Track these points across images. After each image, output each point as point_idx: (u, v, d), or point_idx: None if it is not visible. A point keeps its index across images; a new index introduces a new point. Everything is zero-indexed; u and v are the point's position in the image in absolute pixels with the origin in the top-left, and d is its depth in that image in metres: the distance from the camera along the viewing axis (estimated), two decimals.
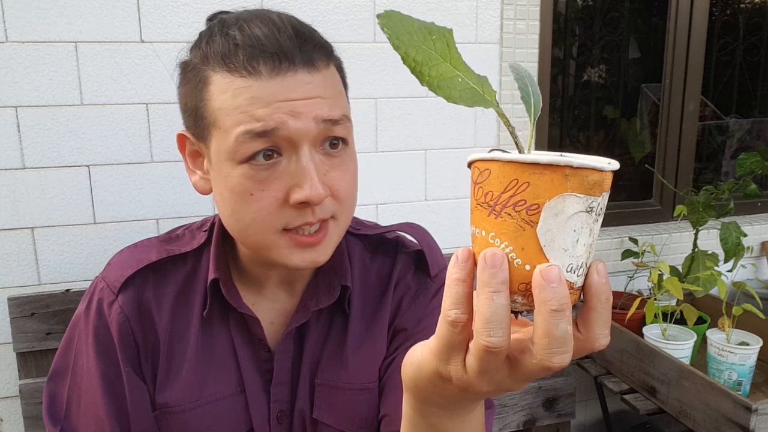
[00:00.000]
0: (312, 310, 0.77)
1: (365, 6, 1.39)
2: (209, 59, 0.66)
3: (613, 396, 1.53)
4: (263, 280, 0.78)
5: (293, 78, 0.64)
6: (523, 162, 0.37)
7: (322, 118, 0.65)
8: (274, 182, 0.65)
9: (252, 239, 0.69)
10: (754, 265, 1.95)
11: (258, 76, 0.63)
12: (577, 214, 0.37)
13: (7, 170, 1.20)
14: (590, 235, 0.38)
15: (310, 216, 0.66)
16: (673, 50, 1.86)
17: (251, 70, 0.63)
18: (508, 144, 1.58)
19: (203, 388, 0.75)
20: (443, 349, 0.41)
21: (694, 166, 1.97)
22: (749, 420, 1.13)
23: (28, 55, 1.17)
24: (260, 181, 0.65)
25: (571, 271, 0.38)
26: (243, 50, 0.64)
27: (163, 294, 0.76)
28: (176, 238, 0.80)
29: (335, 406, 0.77)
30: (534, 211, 0.37)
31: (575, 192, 0.36)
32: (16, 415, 1.25)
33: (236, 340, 0.76)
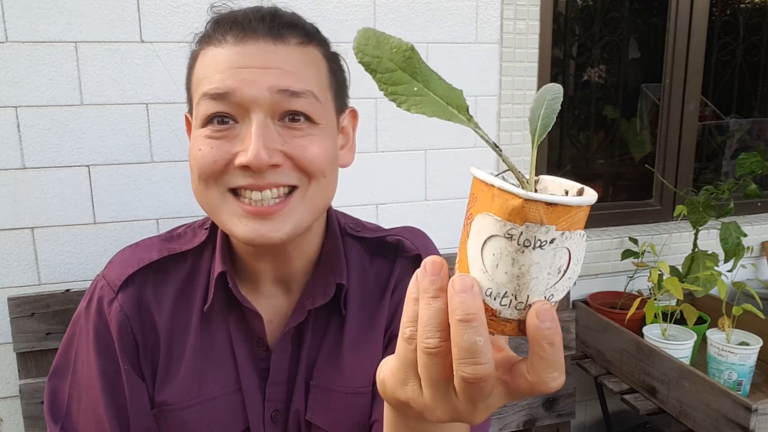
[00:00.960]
0: (308, 309, 0.76)
1: (365, 6, 1.39)
2: (201, 41, 0.72)
3: (613, 396, 1.53)
4: (259, 276, 0.78)
5: (254, 46, 0.67)
6: (477, 178, 0.38)
7: (277, 88, 0.66)
8: (225, 144, 0.67)
9: (203, 199, 0.70)
10: (754, 265, 1.95)
11: (225, 45, 0.68)
12: (495, 238, 0.36)
13: (7, 170, 1.20)
14: (514, 265, 0.36)
15: (257, 178, 0.66)
16: (673, 50, 1.86)
17: (221, 40, 0.68)
18: (507, 145, 1.58)
19: (202, 385, 0.75)
20: (401, 368, 0.41)
21: (694, 166, 1.97)
22: (749, 420, 1.13)
23: (28, 55, 1.17)
24: (212, 140, 0.67)
25: (491, 297, 0.37)
26: (219, 25, 0.70)
27: (163, 293, 0.76)
28: (178, 236, 0.81)
29: (328, 408, 0.77)
30: (469, 224, 0.37)
31: (496, 213, 0.36)
32: (16, 415, 1.25)
33: (234, 338, 0.76)
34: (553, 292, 0.38)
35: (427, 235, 0.87)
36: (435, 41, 1.46)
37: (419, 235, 0.86)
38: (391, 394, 0.44)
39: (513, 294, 0.37)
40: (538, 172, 1.50)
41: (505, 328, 0.38)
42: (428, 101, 0.40)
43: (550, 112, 0.41)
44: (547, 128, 0.41)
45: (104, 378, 0.72)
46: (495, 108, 1.55)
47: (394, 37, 0.39)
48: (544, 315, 0.37)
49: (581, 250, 0.38)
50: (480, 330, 0.36)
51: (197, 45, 0.73)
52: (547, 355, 0.37)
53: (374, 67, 0.39)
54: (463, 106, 0.40)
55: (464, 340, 0.36)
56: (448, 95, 0.40)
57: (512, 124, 1.57)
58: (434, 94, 0.40)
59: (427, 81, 0.40)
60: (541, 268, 0.36)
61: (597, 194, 0.38)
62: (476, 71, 1.51)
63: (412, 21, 1.43)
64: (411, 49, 0.40)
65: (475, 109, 1.53)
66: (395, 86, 0.39)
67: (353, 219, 0.87)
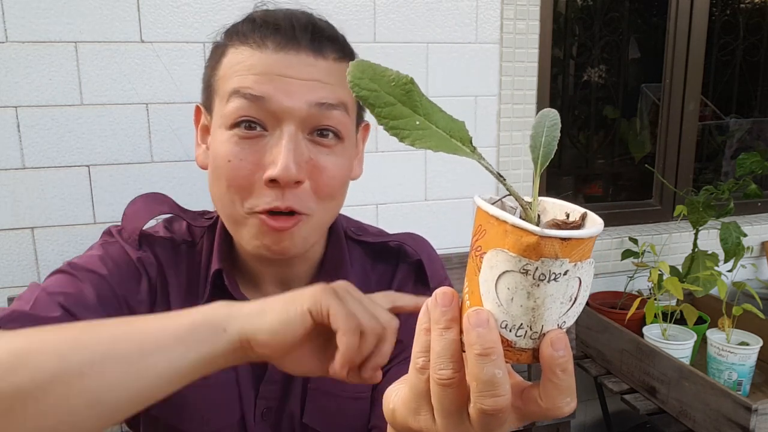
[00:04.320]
0: None
1: (365, 6, 1.39)
2: (231, 37, 0.69)
3: (613, 396, 1.53)
4: (260, 278, 0.78)
5: (296, 57, 0.66)
6: (485, 210, 0.38)
7: (315, 102, 0.66)
8: (253, 154, 0.65)
9: (227, 211, 0.69)
10: (754, 265, 1.95)
11: (264, 50, 0.66)
12: (509, 273, 0.36)
13: (7, 170, 1.20)
14: (529, 299, 0.37)
15: (279, 201, 0.65)
16: (673, 50, 1.86)
17: (260, 43, 0.66)
18: (507, 145, 1.58)
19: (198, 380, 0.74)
20: (413, 397, 0.42)
21: (694, 166, 1.97)
22: (749, 420, 1.13)
23: (28, 55, 1.17)
24: (241, 150, 0.65)
25: (506, 329, 0.37)
26: (258, 27, 0.67)
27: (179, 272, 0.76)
28: (185, 210, 0.80)
29: (327, 412, 0.76)
30: (482, 258, 0.37)
31: (510, 249, 0.36)
32: None
33: None
34: (565, 319, 0.39)
35: (428, 242, 0.86)
36: (435, 41, 1.46)
37: (421, 241, 0.86)
38: (402, 422, 0.44)
39: (528, 325, 0.38)
40: None
41: (521, 357, 0.39)
42: (432, 135, 0.39)
43: (551, 139, 0.42)
44: (550, 156, 0.42)
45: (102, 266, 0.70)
46: (495, 108, 1.55)
47: (390, 69, 0.39)
48: (559, 343, 0.38)
49: (590, 276, 0.39)
50: (498, 362, 0.36)
51: (226, 39, 0.70)
52: (560, 382, 0.38)
53: (372, 101, 0.39)
54: (466, 138, 0.40)
55: (484, 374, 0.36)
56: (451, 127, 0.40)
57: (512, 124, 1.57)
58: (437, 127, 0.39)
59: (429, 114, 0.39)
60: (554, 299, 0.37)
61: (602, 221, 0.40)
62: (476, 71, 1.51)
63: (412, 21, 1.43)
64: (411, 81, 0.39)
65: (475, 109, 1.53)
66: (396, 120, 0.39)
67: (355, 222, 0.87)
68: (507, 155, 1.58)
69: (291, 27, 0.66)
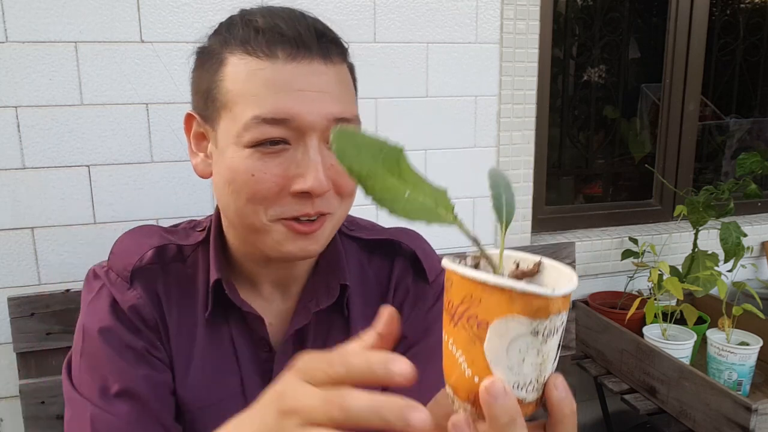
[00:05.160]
0: (312, 311, 0.76)
1: (365, 6, 1.39)
2: (228, 43, 0.66)
3: (613, 396, 1.53)
4: (257, 279, 0.78)
5: (309, 66, 0.65)
6: (473, 278, 0.37)
7: (333, 117, 0.66)
8: (278, 167, 0.65)
9: (247, 221, 0.68)
10: (754, 265, 1.95)
11: (274, 60, 0.64)
12: (521, 337, 0.37)
13: (7, 170, 1.20)
14: (538, 355, 0.38)
15: (309, 207, 0.66)
16: (673, 50, 1.86)
17: (269, 53, 0.64)
18: (507, 145, 1.58)
19: (210, 388, 0.74)
20: None
21: (694, 166, 1.97)
22: (749, 420, 1.13)
23: (28, 55, 1.17)
24: (264, 164, 0.65)
25: (518, 388, 0.38)
26: (263, 34, 0.64)
27: (170, 292, 0.75)
28: (173, 231, 0.79)
29: None
30: (483, 328, 0.37)
31: (520, 314, 0.36)
32: (16, 415, 1.25)
33: (237, 341, 0.76)
34: (556, 362, 0.41)
35: (421, 236, 0.87)
36: (435, 41, 1.46)
37: (414, 236, 0.86)
38: None
39: (536, 379, 0.39)
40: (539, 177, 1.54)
41: (528, 409, 0.40)
42: (419, 207, 0.39)
43: (510, 198, 0.43)
44: (513, 214, 0.43)
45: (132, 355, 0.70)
46: (495, 108, 1.55)
47: (376, 137, 0.38)
48: (562, 386, 0.40)
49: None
50: (521, 423, 0.38)
51: (221, 46, 0.67)
52: (568, 422, 0.40)
53: (359, 172, 0.38)
54: (449, 207, 0.39)
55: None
56: (436, 197, 0.39)
57: (512, 124, 1.57)
58: (424, 195, 0.39)
59: (415, 184, 0.39)
60: (554, 349, 0.39)
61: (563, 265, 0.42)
62: (476, 71, 1.51)
63: (412, 21, 1.43)
64: (401, 151, 0.39)
65: (475, 109, 1.53)
66: (385, 192, 0.38)
67: (348, 217, 0.87)
68: (507, 155, 1.58)
69: (298, 33, 0.64)
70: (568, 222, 1.83)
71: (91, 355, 0.70)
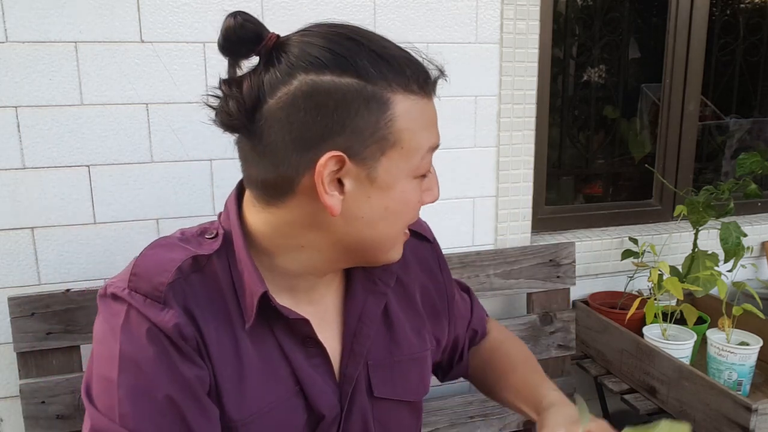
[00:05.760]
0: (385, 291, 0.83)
1: (365, 6, 1.39)
2: (390, 84, 0.67)
3: (613, 396, 1.53)
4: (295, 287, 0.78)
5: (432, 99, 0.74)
6: None
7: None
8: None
9: (393, 238, 0.76)
10: (754, 265, 1.95)
11: (428, 98, 0.72)
12: None
13: (7, 170, 1.20)
14: None
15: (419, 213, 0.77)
16: (673, 50, 1.86)
17: (426, 92, 0.72)
18: (507, 145, 1.58)
19: (262, 397, 0.74)
20: None
21: (694, 166, 1.97)
22: (749, 420, 1.13)
23: (28, 55, 1.17)
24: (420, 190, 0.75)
25: None
26: (417, 73, 0.70)
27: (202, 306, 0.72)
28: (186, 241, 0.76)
29: (391, 380, 0.84)
30: None
31: None
32: (16, 415, 1.25)
33: (284, 345, 0.75)
34: None
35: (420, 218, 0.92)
36: (435, 41, 1.46)
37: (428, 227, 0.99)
38: None
39: None
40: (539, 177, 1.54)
41: None
42: None
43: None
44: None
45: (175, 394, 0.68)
46: (495, 108, 1.55)
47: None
48: None
49: None
50: None
51: (383, 87, 0.67)
52: None
53: None
54: None
55: None
56: None
57: (512, 124, 1.57)
58: None
59: None
60: None
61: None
62: (476, 71, 1.51)
63: (412, 21, 1.43)
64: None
65: (475, 109, 1.53)
66: None
67: None
68: (507, 155, 1.58)
69: (427, 71, 0.72)
70: (568, 222, 1.83)
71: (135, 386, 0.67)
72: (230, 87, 0.68)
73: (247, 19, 0.67)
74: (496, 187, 1.59)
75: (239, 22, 0.67)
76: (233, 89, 0.68)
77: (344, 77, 0.65)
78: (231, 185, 1.43)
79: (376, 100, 0.66)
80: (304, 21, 0.75)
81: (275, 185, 0.70)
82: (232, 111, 0.67)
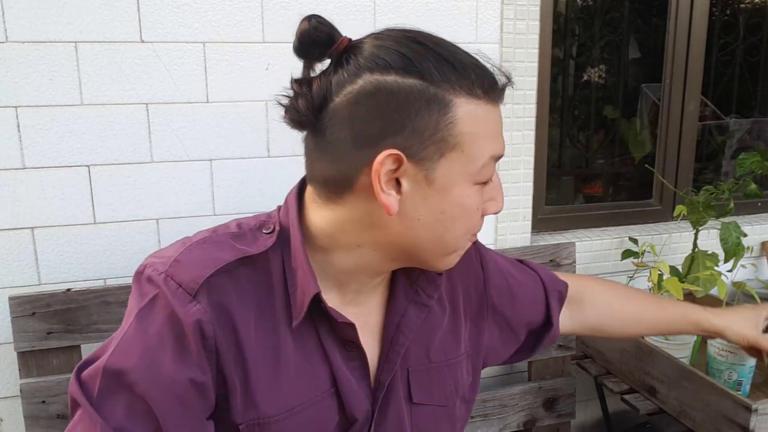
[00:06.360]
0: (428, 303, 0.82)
1: (365, 6, 1.39)
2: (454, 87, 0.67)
3: (613, 396, 1.53)
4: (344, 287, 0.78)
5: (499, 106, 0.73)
6: None
7: None
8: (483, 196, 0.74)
9: (454, 245, 0.75)
10: (754, 265, 1.95)
11: (494, 105, 0.71)
12: None
13: (7, 170, 1.20)
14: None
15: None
16: (673, 50, 1.86)
17: (489, 99, 0.70)
18: (507, 145, 1.58)
19: (300, 395, 0.74)
20: None
21: (694, 166, 1.97)
22: (749, 420, 1.13)
23: (28, 55, 1.17)
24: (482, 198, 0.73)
25: None
26: (483, 78, 0.69)
27: (244, 301, 0.72)
28: (241, 236, 0.75)
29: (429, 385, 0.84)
30: None
31: None
32: (16, 415, 1.25)
33: (327, 346, 0.76)
34: None
35: None
36: None
37: None
38: None
39: None
40: (539, 177, 1.54)
41: None
42: None
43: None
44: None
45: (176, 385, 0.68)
46: None
47: None
48: None
49: None
50: None
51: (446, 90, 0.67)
52: None
53: None
54: None
55: None
56: None
57: (512, 124, 1.57)
58: None
59: None
60: None
61: None
62: None
63: (412, 21, 1.43)
64: None
65: None
66: None
67: None
68: (507, 155, 1.57)
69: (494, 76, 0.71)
70: (568, 222, 1.83)
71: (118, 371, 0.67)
72: (301, 86, 0.70)
73: (321, 22, 0.70)
74: None
75: (314, 25, 0.69)
76: (303, 88, 0.70)
77: (408, 78, 0.66)
78: (231, 185, 1.44)
79: (437, 101, 0.66)
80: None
81: (335, 182, 0.71)
82: (301, 108, 0.69)
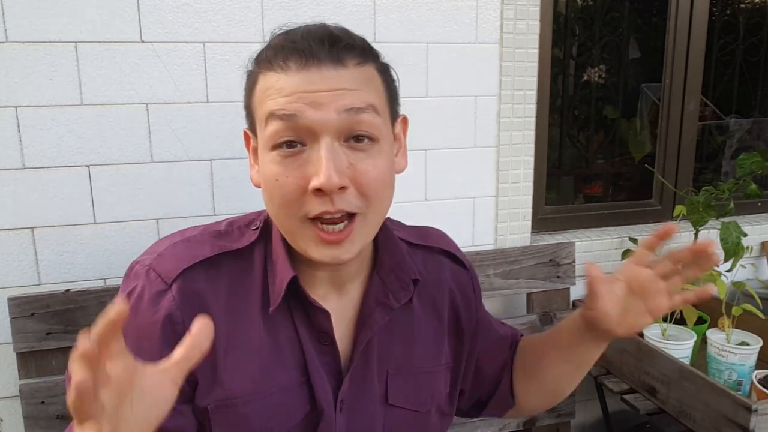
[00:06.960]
0: (394, 307, 0.82)
1: (365, 6, 1.39)
2: (260, 64, 0.74)
3: (613, 396, 1.53)
4: (316, 280, 0.80)
5: (318, 72, 0.69)
6: None
7: (343, 108, 0.69)
8: (297, 169, 0.70)
9: (283, 225, 0.74)
10: (754, 265, 1.94)
11: (288, 71, 0.70)
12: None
13: (7, 170, 1.20)
14: None
15: (329, 205, 0.69)
16: (673, 50, 1.86)
17: (283, 66, 0.70)
18: (507, 145, 1.58)
19: (269, 379, 0.77)
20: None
21: (694, 166, 1.97)
22: (749, 420, 1.13)
23: (28, 55, 1.17)
24: (285, 167, 0.70)
25: None
26: (281, 51, 0.71)
27: (217, 286, 0.76)
28: (225, 234, 0.81)
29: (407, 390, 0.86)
30: None
31: None
32: (16, 415, 1.25)
33: (301, 334, 0.78)
34: None
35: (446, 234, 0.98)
36: (435, 41, 1.46)
37: (441, 234, 0.97)
38: None
39: None
40: (539, 177, 1.54)
41: None
42: None
43: None
44: None
45: None
46: (495, 108, 1.55)
47: None
48: None
49: None
50: None
51: (256, 66, 0.75)
52: None
53: None
54: None
55: None
56: None
57: (512, 124, 1.57)
58: None
59: None
60: None
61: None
62: (476, 71, 1.51)
63: (412, 21, 1.43)
64: None
65: (475, 109, 1.53)
66: None
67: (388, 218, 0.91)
68: (507, 155, 1.58)
69: (308, 45, 0.70)
70: (568, 222, 1.83)
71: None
72: None
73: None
74: (496, 187, 1.59)
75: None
76: None
77: (251, 63, 0.77)
78: (231, 185, 1.44)
79: (250, 81, 0.75)
80: (303, 21, 0.75)
81: None
82: None
